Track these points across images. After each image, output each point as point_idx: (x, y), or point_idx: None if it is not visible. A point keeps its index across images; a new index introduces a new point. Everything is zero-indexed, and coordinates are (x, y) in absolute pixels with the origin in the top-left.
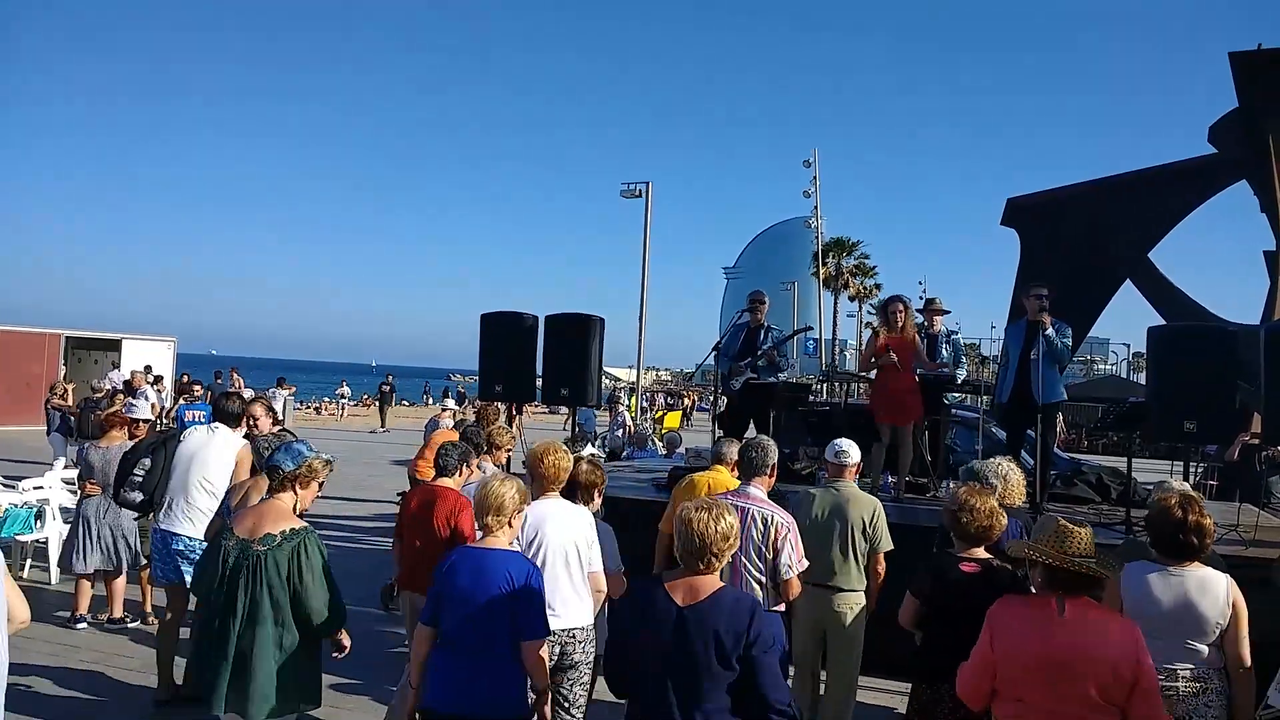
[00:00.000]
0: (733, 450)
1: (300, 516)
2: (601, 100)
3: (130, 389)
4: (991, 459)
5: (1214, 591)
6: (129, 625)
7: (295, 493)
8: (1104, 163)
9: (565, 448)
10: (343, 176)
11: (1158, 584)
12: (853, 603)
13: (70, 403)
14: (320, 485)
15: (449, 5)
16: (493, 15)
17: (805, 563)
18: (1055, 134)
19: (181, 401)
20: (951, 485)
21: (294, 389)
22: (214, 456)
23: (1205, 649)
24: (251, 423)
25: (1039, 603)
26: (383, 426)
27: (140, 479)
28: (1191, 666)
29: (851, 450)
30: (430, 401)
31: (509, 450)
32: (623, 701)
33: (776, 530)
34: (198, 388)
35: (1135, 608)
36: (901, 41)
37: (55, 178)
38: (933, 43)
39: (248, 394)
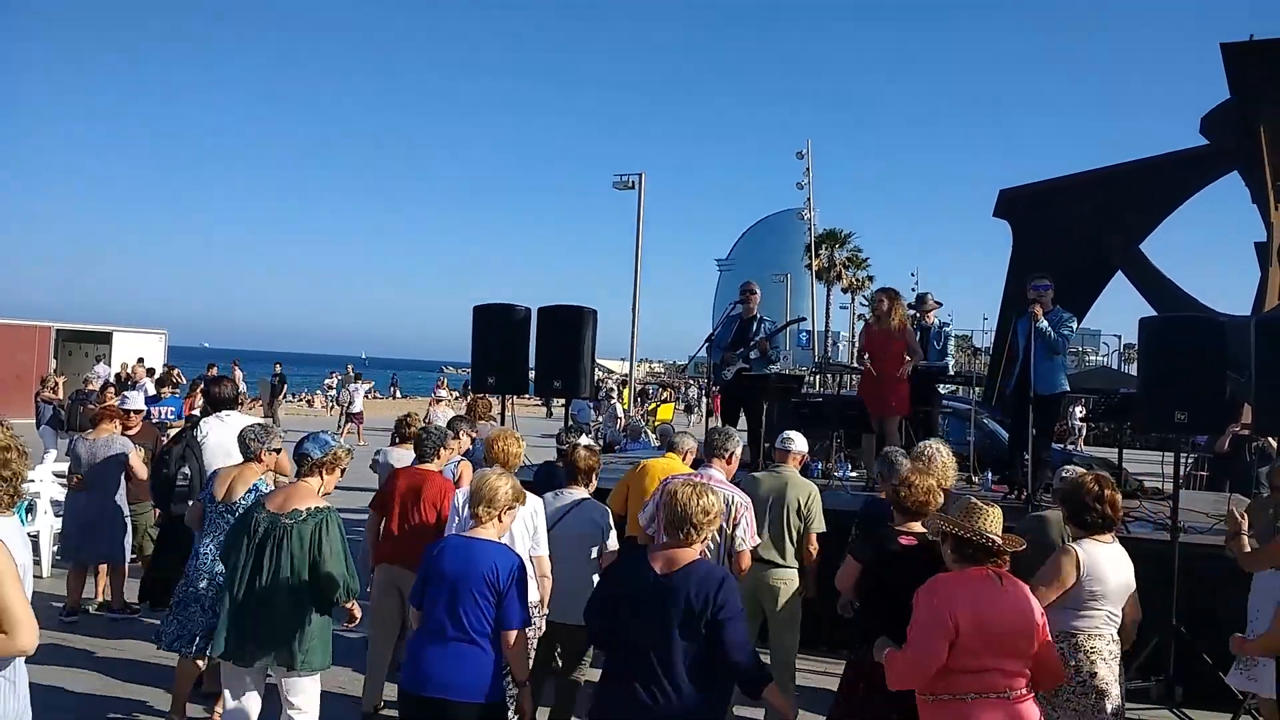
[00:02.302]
0: (686, 441)
1: None
2: (593, 91)
3: (129, 382)
4: (926, 440)
5: (1129, 561)
6: (129, 615)
7: (321, 478)
8: (1098, 154)
9: (516, 434)
10: (332, 168)
11: (1104, 556)
12: (786, 578)
13: (60, 396)
14: (342, 472)
15: None
16: (482, 2)
17: (758, 539)
18: (1050, 125)
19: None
20: None
21: (371, 383)
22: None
23: (1120, 613)
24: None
25: (977, 576)
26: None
27: (185, 488)
28: (1113, 630)
29: (798, 439)
30: (398, 394)
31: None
32: None
33: (736, 509)
34: (166, 389)
35: (1091, 579)
36: (896, 30)
37: (48, 169)
38: (928, 31)
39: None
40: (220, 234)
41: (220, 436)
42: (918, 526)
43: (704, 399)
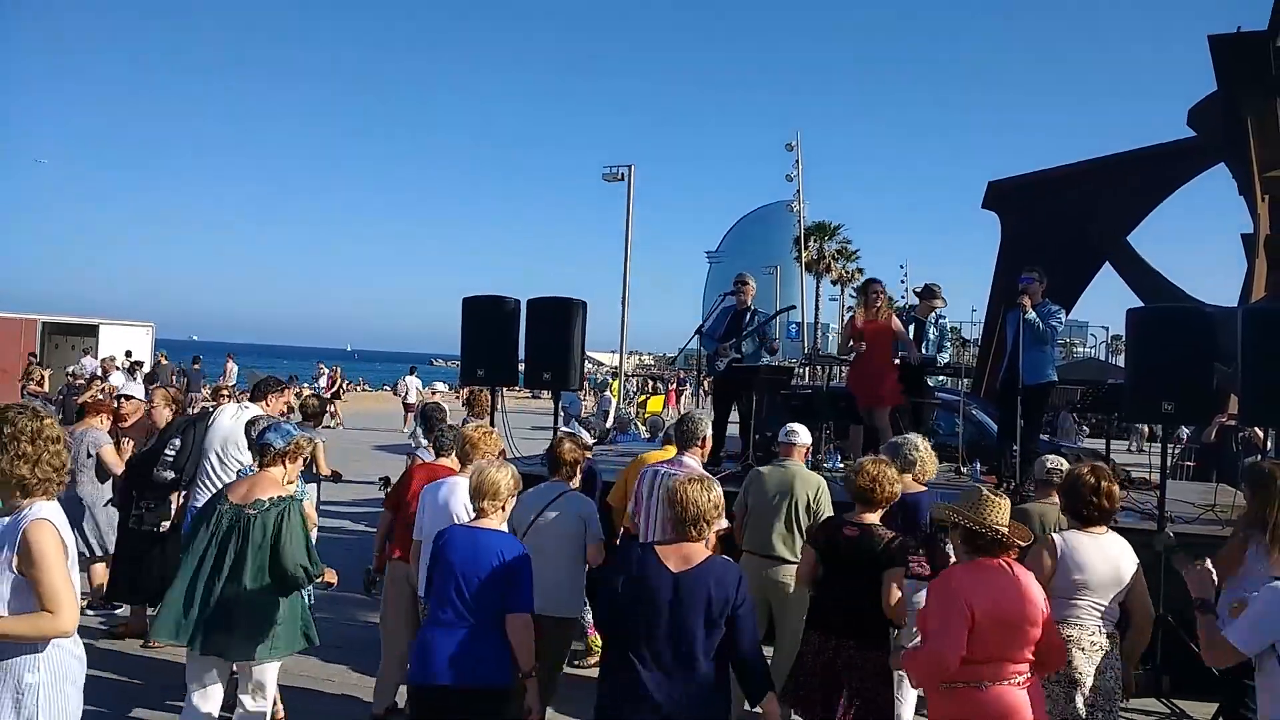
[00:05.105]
0: None
1: None
2: (583, 81)
3: (102, 375)
4: (905, 435)
5: (1128, 553)
6: (105, 609)
7: (284, 466)
8: (1087, 146)
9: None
10: (320, 159)
11: (1090, 547)
12: (793, 573)
13: (47, 389)
14: (303, 460)
15: None
16: None
17: (725, 523)
18: (1038, 118)
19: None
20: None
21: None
22: (241, 432)
23: (1115, 607)
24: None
25: (990, 567)
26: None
27: (171, 458)
28: (1108, 622)
29: (801, 432)
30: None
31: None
32: None
33: None
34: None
35: (1070, 568)
36: (884, 21)
37: (40, 157)
38: (915, 21)
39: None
40: (209, 227)
41: (225, 420)
42: (871, 517)
43: (664, 386)
